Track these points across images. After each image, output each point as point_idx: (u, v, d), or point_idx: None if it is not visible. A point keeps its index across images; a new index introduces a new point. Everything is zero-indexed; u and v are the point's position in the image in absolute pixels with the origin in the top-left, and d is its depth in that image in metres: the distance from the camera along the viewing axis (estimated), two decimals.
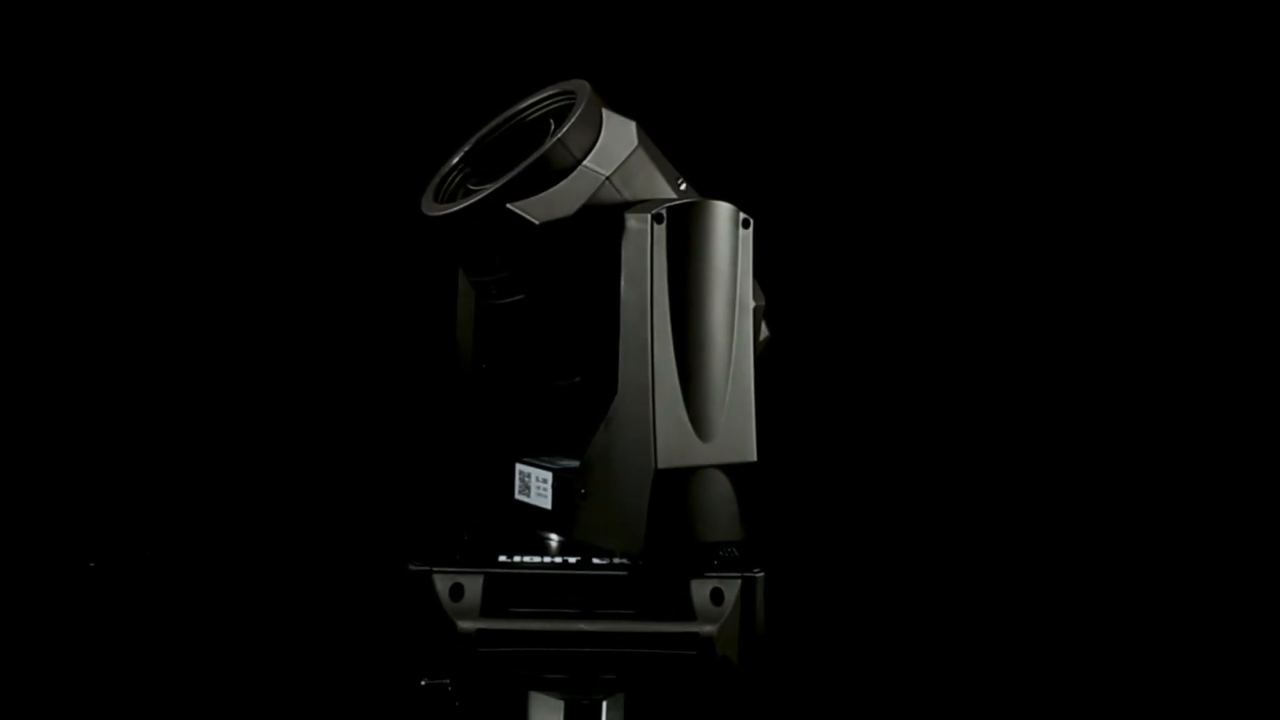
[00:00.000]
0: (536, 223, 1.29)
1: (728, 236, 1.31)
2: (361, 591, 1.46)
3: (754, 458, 1.32)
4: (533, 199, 1.30)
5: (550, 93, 1.40)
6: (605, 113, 1.34)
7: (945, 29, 2.05)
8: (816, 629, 1.74)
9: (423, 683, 1.36)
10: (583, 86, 1.36)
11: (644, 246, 1.28)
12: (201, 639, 1.93)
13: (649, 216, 1.28)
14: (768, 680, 1.31)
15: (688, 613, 1.29)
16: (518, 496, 1.43)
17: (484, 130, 1.43)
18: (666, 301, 1.28)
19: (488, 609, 1.28)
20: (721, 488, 1.31)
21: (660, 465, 1.27)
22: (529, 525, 1.41)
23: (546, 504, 1.39)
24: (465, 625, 1.25)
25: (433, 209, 1.36)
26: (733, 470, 1.31)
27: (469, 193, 1.37)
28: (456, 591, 1.28)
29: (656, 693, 1.32)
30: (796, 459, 1.38)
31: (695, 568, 1.31)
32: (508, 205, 1.29)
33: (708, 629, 1.27)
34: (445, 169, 1.42)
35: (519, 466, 1.43)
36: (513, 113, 1.42)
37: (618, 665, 1.28)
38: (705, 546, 1.31)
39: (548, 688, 1.32)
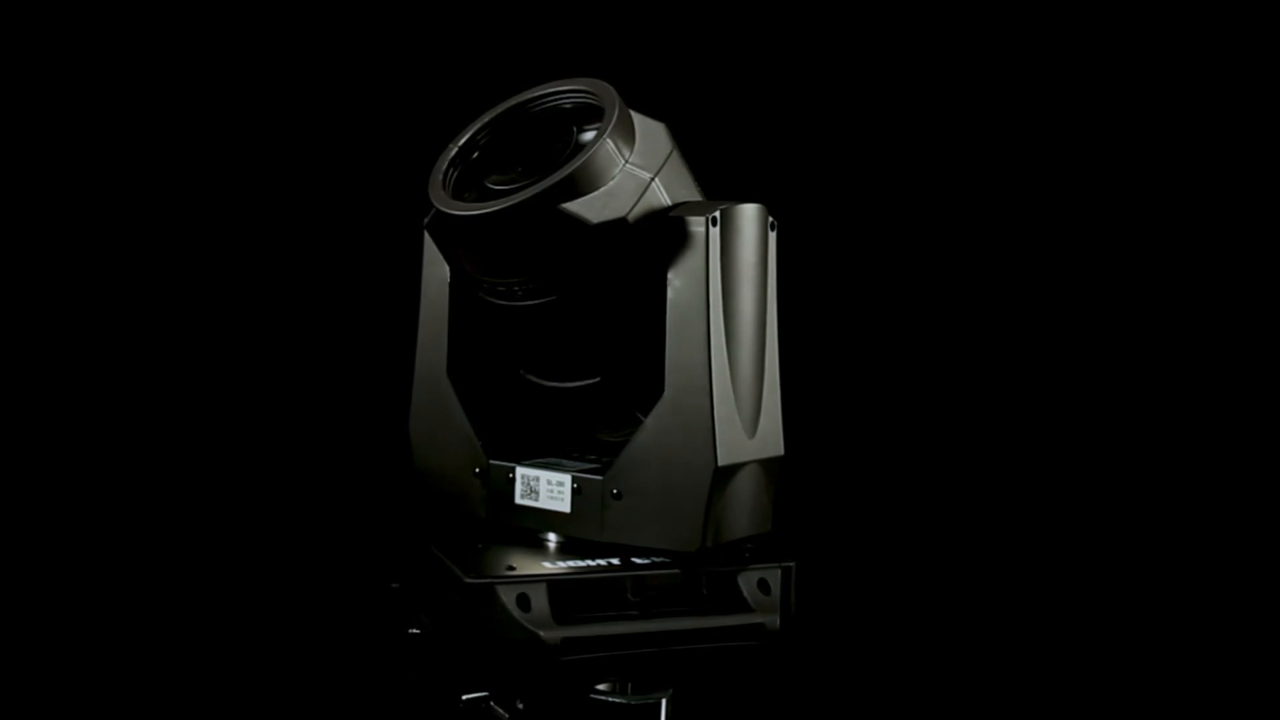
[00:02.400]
0: (593, 223, 1.28)
1: (762, 238, 1.35)
2: (377, 607, 1.38)
3: (782, 451, 1.37)
4: (585, 199, 1.28)
5: (557, 88, 1.38)
6: (633, 113, 1.34)
7: (932, 28, 2.07)
8: (820, 615, 1.78)
9: (463, 698, 1.32)
10: (604, 86, 1.35)
11: (701, 248, 1.30)
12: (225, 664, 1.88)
13: (705, 219, 1.30)
14: (803, 664, 1.37)
15: (735, 605, 1.32)
16: (520, 501, 1.40)
17: (481, 124, 1.39)
18: (721, 302, 1.31)
19: (559, 617, 1.26)
20: (760, 481, 1.35)
21: (720, 462, 1.29)
22: (536, 529, 1.39)
23: (563, 507, 1.37)
24: (549, 635, 1.23)
25: (458, 207, 1.31)
26: (767, 464, 1.35)
27: (490, 191, 1.33)
28: (523, 602, 1.25)
29: (716, 685, 1.34)
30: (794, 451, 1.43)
31: (742, 561, 1.34)
32: (561, 206, 1.27)
33: (772, 619, 1.30)
34: (444, 163, 1.37)
35: (520, 470, 1.40)
36: (513, 107, 1.39)
37: (692, 662, 1.29)
38: (739, 540, 1.34)
39: (612, 690, 1.31)
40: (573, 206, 1.28)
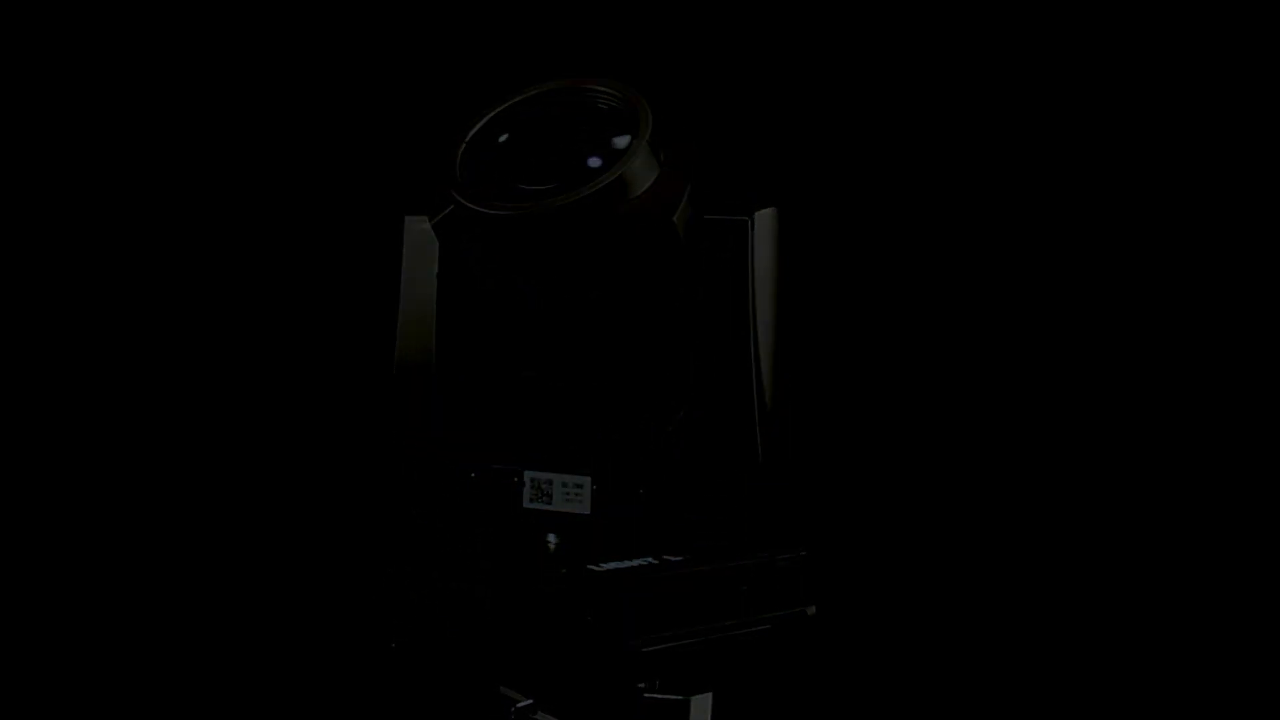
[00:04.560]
0: (642, 224, 1.28)
1: (777, 240, 1.39)
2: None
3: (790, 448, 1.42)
4: (633, 200, 1.28)
5: (565, 87, 1.36)
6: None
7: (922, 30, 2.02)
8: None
9: (514, 708, 1.30)
10: (623, 86, 1.35)
11: (741, 249, 1.33)
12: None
13: (746, 221, 1.33)
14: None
15: (773, 596, 1.35)
16: (530, 504, 1.38)
17: (482, 123, 1.35)
18: (755, 302, 1.34)
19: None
20: (774, 477, 1.39)
21: (762, 458, 1.33)
22: (540, 533, 1.38)
23: (583, 509, 1.37)
24: (639, 638, 1.23)
25: (498, 207, 1.28)
26: (780, 460, 1.40)
27: (524, 192, 1.30)
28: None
29: (759, 676, 1.37)
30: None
31: (755, 554, 1.37)
32: (612, 207, 1.27)
33: (810, 607, 1.35)
34: (456, 161, 1.33)
35: (529, 473, 1.38)
36: (512, 107, 1.36)
37: (754, 655, 1.32)
38: (759, 535, 1.38)
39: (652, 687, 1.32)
40: (623, 208, 1.27)
